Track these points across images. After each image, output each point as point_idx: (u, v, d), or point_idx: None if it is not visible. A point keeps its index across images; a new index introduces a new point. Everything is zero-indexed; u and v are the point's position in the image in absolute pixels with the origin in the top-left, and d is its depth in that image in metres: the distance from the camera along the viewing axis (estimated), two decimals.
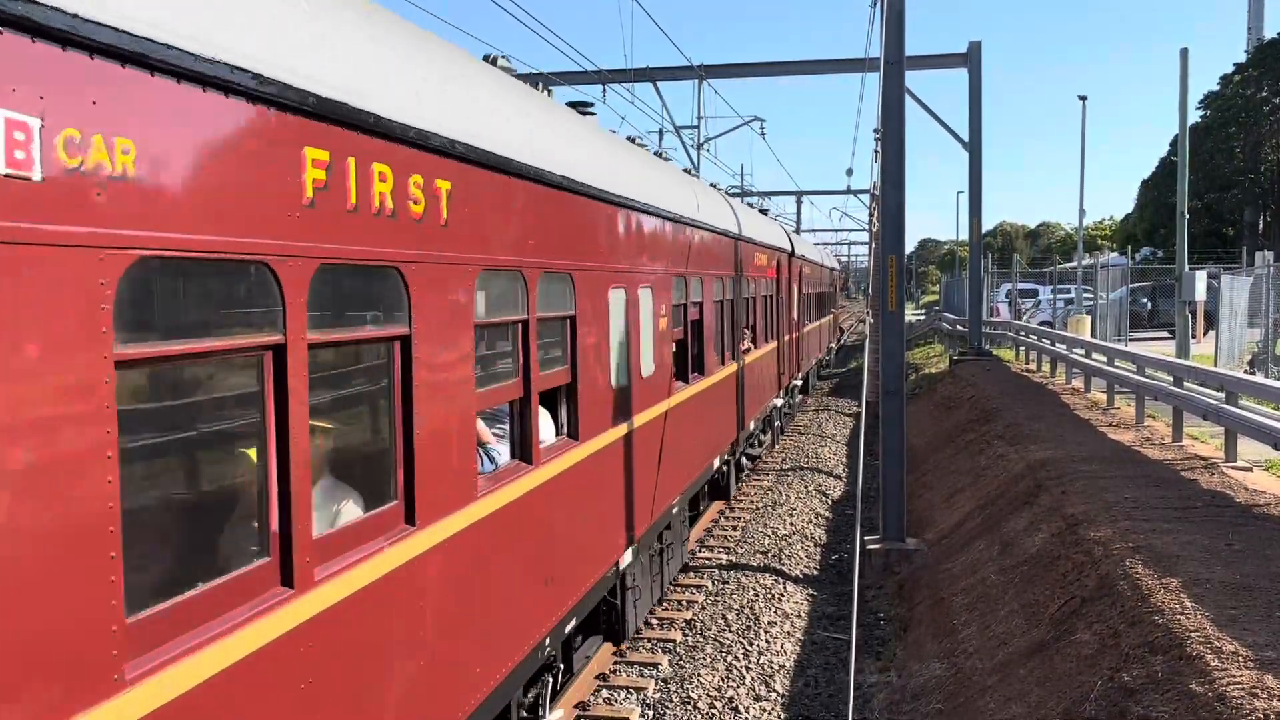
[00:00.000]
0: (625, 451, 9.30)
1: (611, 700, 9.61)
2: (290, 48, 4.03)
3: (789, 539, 15.21)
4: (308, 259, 4.16)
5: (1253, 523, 10.38)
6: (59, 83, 2.97)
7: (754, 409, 18.15)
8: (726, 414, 15.39)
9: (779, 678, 10.24)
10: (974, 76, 30.60)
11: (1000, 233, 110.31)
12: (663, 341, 10.85)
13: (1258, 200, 61.56)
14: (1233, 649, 6.87)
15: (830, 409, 29.65)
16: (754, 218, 19.48)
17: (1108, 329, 30.59)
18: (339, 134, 4.36)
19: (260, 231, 3.88)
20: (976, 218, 31.45)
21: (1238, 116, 60.66)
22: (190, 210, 3.50)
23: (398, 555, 4.90)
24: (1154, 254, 57.78)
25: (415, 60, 5.25)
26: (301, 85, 4.04)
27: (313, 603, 4.17)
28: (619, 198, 8.86)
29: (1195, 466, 13.46)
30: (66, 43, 3.00)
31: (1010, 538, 11.91)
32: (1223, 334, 24.36)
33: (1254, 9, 74.24)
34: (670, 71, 32.04)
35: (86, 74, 3.07)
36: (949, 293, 58.17)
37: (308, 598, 4.14)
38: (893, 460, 13.97)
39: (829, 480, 19.66)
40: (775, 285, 21.41)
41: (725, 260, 14.92)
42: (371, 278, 4.83)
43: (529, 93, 7.43)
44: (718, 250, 14.29)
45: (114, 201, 3.16)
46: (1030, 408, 20.01)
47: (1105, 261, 34.52)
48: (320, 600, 4.24)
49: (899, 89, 14.10)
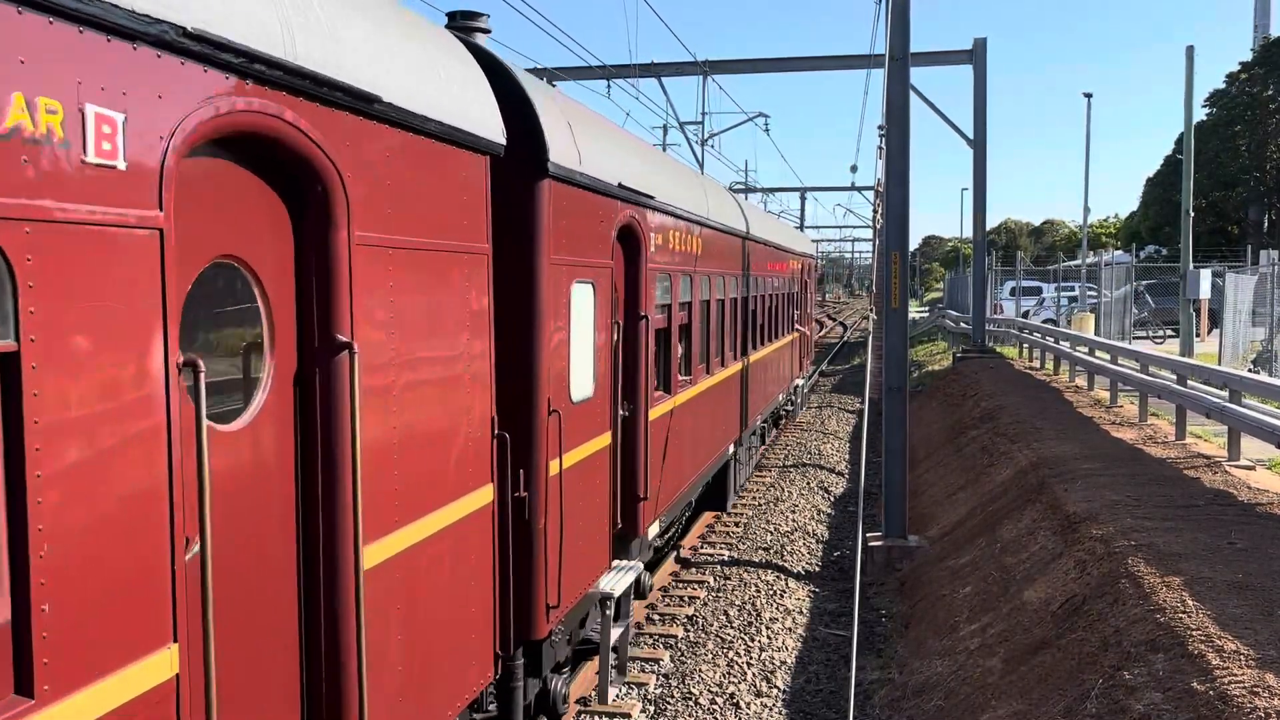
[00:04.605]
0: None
1: (613, 695, 9.62)
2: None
3: (791, 535, 15.21)
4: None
5: (1255, 521, 10.36)
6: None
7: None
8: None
9: (780, 674, 10.24)
10: (979, 73, 30.56)
11: (1004, 230, 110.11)
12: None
13: (1263, 198, 61.41)
14: (1234, 647, 6.86)
15: (833, 406, 29.65)
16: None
17: (1111, 327, 30.57)
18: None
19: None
20: (981, 215, 31.41)
21: (1243, 115, 60.49)
22: None
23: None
24: (1159, 252, 57.64)
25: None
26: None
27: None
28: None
29: (1198, 465, 13.44)
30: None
31: (1012, 535, 11.91)
32: (1227, 332, 24.34)
33: (1260, 7, 74.00)
34: (675, 67, 32.05)
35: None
36: (952, 290, 58.11)
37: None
38: (895, 457, 13.97)
39: (831, 477, 19.66)
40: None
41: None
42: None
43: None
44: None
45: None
46: (1033, 405, 19.99)
47: (1109, 259, 34.45)
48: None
49: (904, 85, 14.07)
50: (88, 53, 3.11)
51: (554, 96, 7.53)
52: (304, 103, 4.13)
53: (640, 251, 9.30)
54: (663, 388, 10.69)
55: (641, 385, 9.42)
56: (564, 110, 7.47)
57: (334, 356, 4.40)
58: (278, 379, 4.26)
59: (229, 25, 3.67)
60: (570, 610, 7.73)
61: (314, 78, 4.14)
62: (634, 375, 9.36)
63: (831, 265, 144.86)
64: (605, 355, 8.30)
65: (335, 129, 4.35)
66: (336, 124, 4.37)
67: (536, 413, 6.93)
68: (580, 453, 7.73)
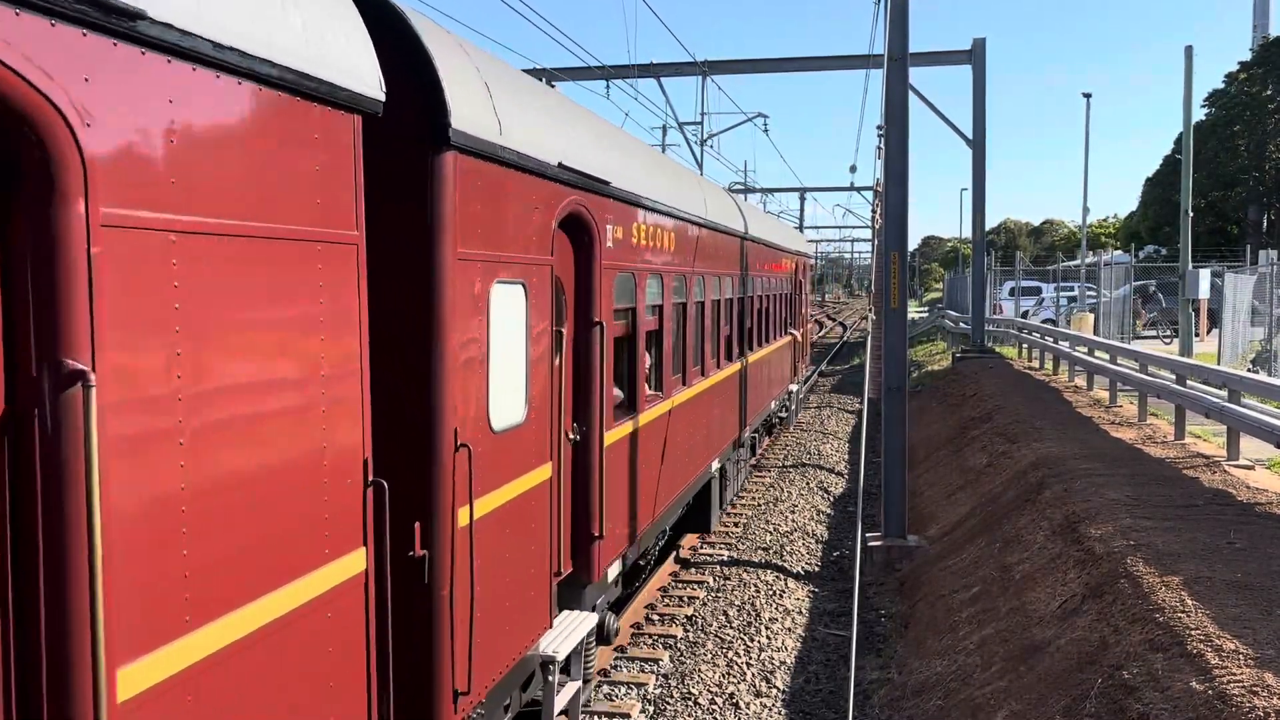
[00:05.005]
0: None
1: (612, 696, 9.62)
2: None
3: (790, 535, 15.21)
4: None
5: (1255, 521, 10.37)
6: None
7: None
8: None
9: (780, 674, 10.24)
10: (978, 73, 30.59)
11: (1004, 230, 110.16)
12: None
13: (1262, 198, 61.45)
14: (1233, 647, 6.87)
15: (832, 406, 29.65)
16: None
17: (1110, 327, 30.60)
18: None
19: None
20: (980, 215, 31.44)
21: (1243, 114, 60.50)
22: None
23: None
24: (1158, 252, 57.66)
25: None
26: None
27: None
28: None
29: (1197, 464, 13.45)
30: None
31: (1011, 535, 11.91)
32: (1226, 332, 24.36)
33: (1259, 6, 74.04)
34: (674, 67, 32.08)
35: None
36: (952, 290, 58.11)
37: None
38: (894, 457, 13.97)
39: (831, 477, 19.66)
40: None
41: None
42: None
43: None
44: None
45: None
46: (1032, 405, 20.00)
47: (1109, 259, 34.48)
48: None
49: (903, 85, 14.08)
50: None
51: (466, 50, 6.10)
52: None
53: (594, 246, 7.95)
54: (627, 405, 9.37)
55: (596, 404, 8.07)
56: (481, 69, 6.07)
57: (60, 391, 3.05)
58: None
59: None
60: (496, 686, 6.31)
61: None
62: (587, 392, 8.02)
63: (831, 266, 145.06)
64: (543, 370, 6.85)
65: (62, 54, 3.00)
66: (64, 47, 3.01)
67: (438, 449, 5.45)
68: (506, 493, 6.27)
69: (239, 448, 3.81)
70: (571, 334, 7.78)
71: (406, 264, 5.38)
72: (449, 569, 5.54)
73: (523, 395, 6.50)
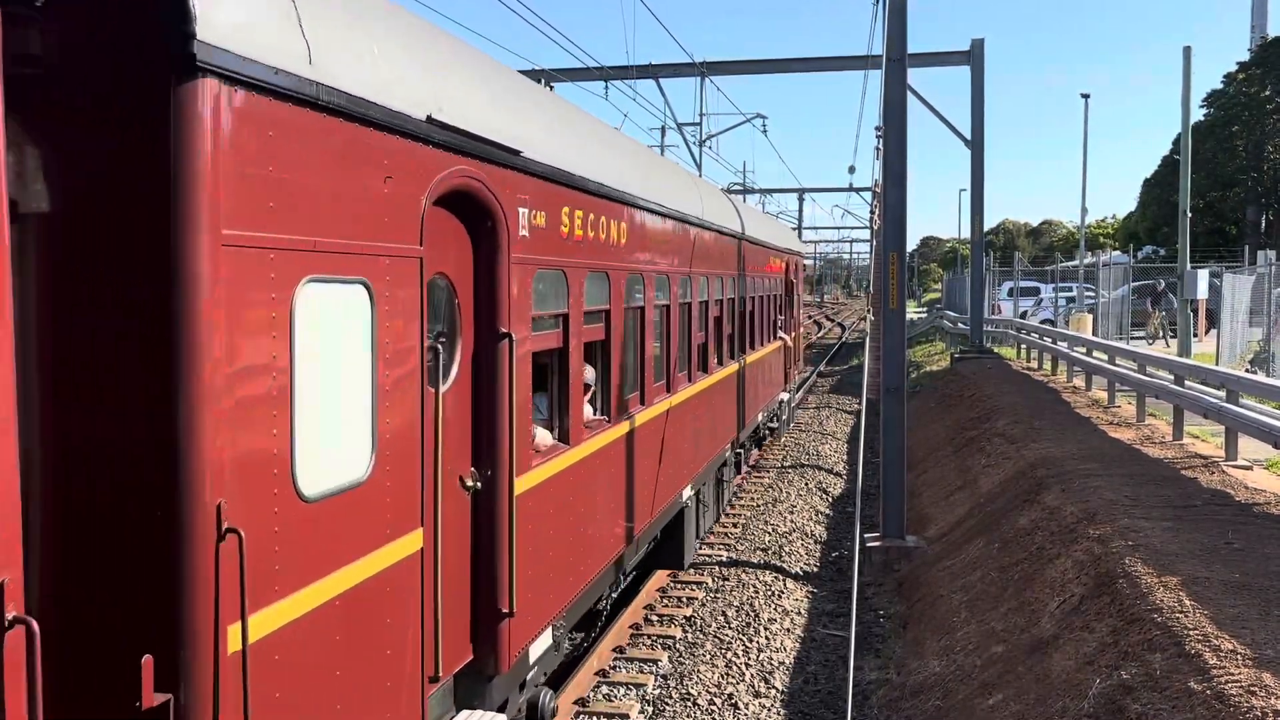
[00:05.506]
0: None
1: (611, 696, 9.63)
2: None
3: (789, 536, 15.22)
4: None
5: (1253, 521, 10.39)
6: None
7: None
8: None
9: (778, 674, 10.25)
10: (976, 74, 30.62)
11: (1002, 230, 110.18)
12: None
13: (1260, 199, 61.52)
14: (1231, 647, 6.88)
15: (831, 406, 29.67)
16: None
17: (1109, 327, 30.62)
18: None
19: None
20: (978, 215, 31.48)
21: (1241, 115, 60.57)
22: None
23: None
24: (1156, 252, 57.73)
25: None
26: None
27: None
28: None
29: (1195, 465, 13.47)
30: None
31: (1010, 535, 11.92)
32: (1224, 333, 24.38)
33: (1257, 7, 74.18)
34: (673, 68, 32.10)
35: None
36: (951, 290, 58.14)
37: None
38: (893, 457, 13.98)
39: (829, 477, 19.67)
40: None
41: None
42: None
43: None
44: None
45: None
46: (1031, 405, 20.02)
47: (1107, 260, 34.51)
48: None
49: (901, 86, 14.09)
50: None
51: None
52: None
53: (498, 235, 6.13)
54: (559, 436, 7.58)
55: (504, 440, 6.24)
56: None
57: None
58: None
59: None
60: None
61: None
62: (492, 425, 6.22)
63: (830, 266, 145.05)
64: (407, 402, 5.11)
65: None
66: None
67: (182, 539, 3.62)
68: (329, 587, 4.44)
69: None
70: (469, 349, 6.08)
71: (123, 252, 3.64)
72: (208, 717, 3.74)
73: (366, 440, 4.75)
